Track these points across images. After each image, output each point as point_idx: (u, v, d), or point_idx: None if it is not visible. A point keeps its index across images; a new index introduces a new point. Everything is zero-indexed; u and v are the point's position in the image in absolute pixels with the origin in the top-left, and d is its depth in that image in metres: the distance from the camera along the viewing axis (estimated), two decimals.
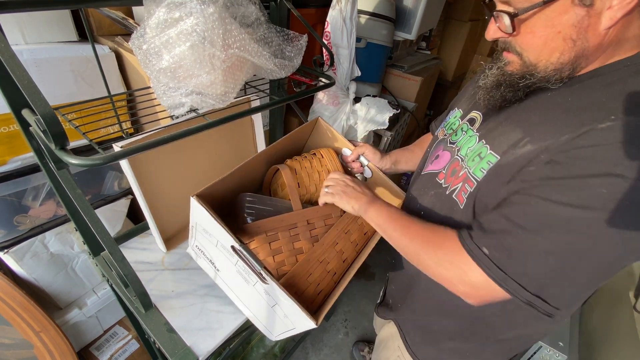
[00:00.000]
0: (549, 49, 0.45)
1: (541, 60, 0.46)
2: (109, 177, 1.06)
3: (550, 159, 0.44)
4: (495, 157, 0.51)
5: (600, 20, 0.41)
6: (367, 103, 1.32)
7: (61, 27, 0.85)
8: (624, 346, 1.17)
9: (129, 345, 1.22)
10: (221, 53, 0.60)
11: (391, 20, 1.46)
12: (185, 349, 0.70)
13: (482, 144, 0.54)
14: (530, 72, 0.48)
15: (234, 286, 0.75)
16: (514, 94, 0.51)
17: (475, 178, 0.53)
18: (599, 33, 0.42)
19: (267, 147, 0.81)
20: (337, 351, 1.61)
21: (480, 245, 0.47)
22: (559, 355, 1.31)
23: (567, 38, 0.43)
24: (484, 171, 0.51)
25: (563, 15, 0.42)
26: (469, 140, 0.58)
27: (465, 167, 0.56)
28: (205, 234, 0.71)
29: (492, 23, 0.48)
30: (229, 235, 0.60)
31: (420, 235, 0.56)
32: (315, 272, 0.68)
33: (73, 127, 0.59)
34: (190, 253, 0.83)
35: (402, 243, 0.58)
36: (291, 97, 0.81)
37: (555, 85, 0.48)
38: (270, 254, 0.67)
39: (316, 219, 0.75)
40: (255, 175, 0.86)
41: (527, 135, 0.48)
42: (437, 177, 0.62)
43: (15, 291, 0.86)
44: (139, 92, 0.88)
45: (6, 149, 0.79)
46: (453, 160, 0.60)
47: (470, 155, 0.56)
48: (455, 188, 0.57)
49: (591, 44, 0.43)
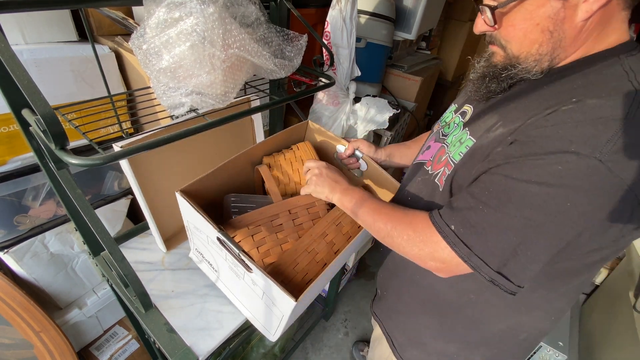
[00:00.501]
0: (529, 41, 0.47)
1: (522, 51, 0.48)
2: (109, 177, 1.06)
3: (515, 139, 0.46)
4: (472, 140, 0.53)
5: (576, 12, 0.43)
6: (367, 103, 1.32)
7: (61, 27, 0.85)
8: (624, 346, 1.17)
9: (129, 345, 1.22)
10: (221, 53, 0.60)
11: (391, 20, 1.46)
12: (185, 349, 0.70)
13: (465, 131, 0.57)
14: (513, 63, 0.50)
15: (231, 285, 0.76)
16: (497, 85, 0.53)
17: (454, 161, 0.55)
18: (575, 25, 0.44)
19: (250, 147, 0.83)
20: (337, 351, 1.61)
21: (449, 222, 0.49)
22: (559, 355, 1.31)
23: (544, 30, 0.45)
24: (462, 154, 0.54)
25: (540, 7, 0.44)
26: (456, 130, 0.61)
27: (447, 152, 0.59)
28: (197, 232, 0.72)
29: (479, 17, 0.51)
30: (210, 225, 0.62)
31: (392, 217, 0.57)
32: (303, 261, 0.69)
33: (73, 127, 0.59)
34: (193, 257, 0.85)
35: (376, 226, 0.60)
36: (291, 97, 0.81)
37: (535, 75, 0.50)
38: (254, 246, 0.68)
39: (298, 208, 0.77)
40: (245, 178, 0.88)
41: (500, 119, 0.51)
42: (425, 165, 0.65)
43: (15, 291, 0.86)
44: (139, 92, 0.88)
45: (6, 149, 0.79)
46: (440, 148, 0.63)
47: (453, 140, 0.59)
48: (438, 172, 0.60)
49: (568, 36, 0.45)
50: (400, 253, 0.57)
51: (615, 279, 1.44)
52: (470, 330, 0.65)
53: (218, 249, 0.68)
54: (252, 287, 0.65)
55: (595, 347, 1.32)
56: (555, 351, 1.31)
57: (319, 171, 0.74)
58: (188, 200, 0.65)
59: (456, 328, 0.66)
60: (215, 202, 0.80)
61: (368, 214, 0.61)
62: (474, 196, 0.48)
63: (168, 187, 0.83)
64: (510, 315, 0.61)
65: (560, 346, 1.32)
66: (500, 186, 0.45)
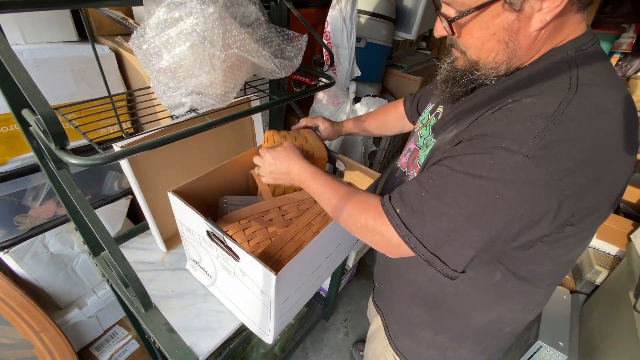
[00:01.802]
0: (486, 49, 0.48)
1: (481, 58, 0.50)
2: (109, 177, 1.06)
3: (459, 139, 0.50)
4: (434, 142, 0.58)
5: (530, 23, 0.44)
6: (367, 103, 1.32)
7: (61, 27, 0.85)
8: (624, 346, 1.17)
9: (129, 345, 1.22)
10: (221, 53, 0.60)
11: (391, 20, 1.46)
12: (185, 349, 0.70)
13: (431, 134, 0.60)
14: (473, 68, 0.52)
15: (225, 288, 0.76)
16: (459, 89, 0.55)
17: (420, 164, 0.60)
18: (529, 35, 0.45)
19: (241, 153, 0.85)
20: (337, 351, 1.61)
21: (395, 206, 0.52)
22: (559, 355, 1.31)
23: (500, 40, 0.46)
24: (425, 156, 0.59)
25: (496, 18, 0.45)
26: (427, 133, 0.64)
27: (419, 155, 0.63)
28: (190, 235, 0.73)
29: (439, 22, 0.51)
30: (199, 217, 0.63)
31: (348, 203, 0.60)
32: (289, 249, 0.71)
33: (73, 127, 0.59)
34: (189, 269, 0.86)
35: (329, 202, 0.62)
36: (291, 97, 0.81)
37: (493, 81, 0.52)
38: (245, 239, 0.70)
39: (288, 205, 0.80)
40: (240, 183, 0.89)
41: (456, 121, 0.54)
42: (402, 167, 0.69)
43: (15, 291, 0.86)
44: (139, 92, 0.88)
45: (6, 149, 0.79)
46: (414, 150, 0.66)
47: (423, 145, 0.63)
48: (409, 174, 0.64)
49: (523, 45, 0.47)
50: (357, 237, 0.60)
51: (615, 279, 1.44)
52: (455, 324, 0.67)
53: (210, 248, 0.69)
54: (242, 279, 0.66)
55: (595, 347, 1.32)
56: (555, 351, 1.31)
57: (269, 165, 0.75)
58: (179, 198, 0.67)
59: (443, 321, 0.68)
60: (211, 206, 0.81)
61: (324, 188, 0.64)
62: (420, 184, 0.51)
63: (168, 187, 0.83)
64: (490, 308, 0.63)
65: (560, 346, 1.32)
66: (442, 176, 0.49)
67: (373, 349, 0.90)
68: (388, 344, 0.81)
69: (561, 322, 1.44)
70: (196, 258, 0.79)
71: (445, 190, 0.47)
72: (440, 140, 0.56)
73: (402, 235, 0.50)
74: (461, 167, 0.46)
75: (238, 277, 0.67)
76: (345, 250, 0.98)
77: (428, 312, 0.69)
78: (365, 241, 0.58)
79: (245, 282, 0.66)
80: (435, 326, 0.70)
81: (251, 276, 0.63)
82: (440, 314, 0.68)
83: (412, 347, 0.76)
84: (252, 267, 0.60)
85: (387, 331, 0.81)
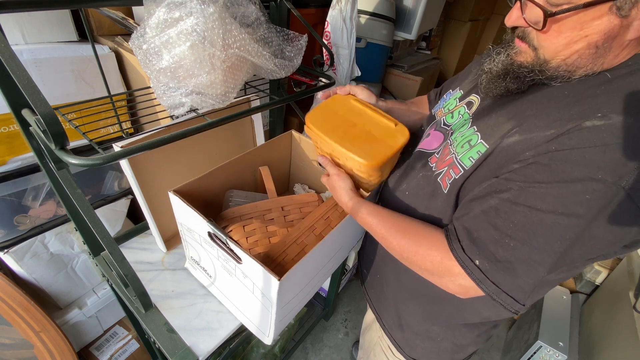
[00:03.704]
0: (570, 51, 0.43)
1: (556, 58, 0.45)
2: (109, 177, 1.06)
3: (535, 159, 0.43)
4: (485, 146, 0.50)
5: (628, 30, 0.40)
6: None
7: (61, 27, 0.85)
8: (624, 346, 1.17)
9: (129, 345, 1.22)
10: (221, 53, 0.60)
11: (391, 20, 1.46)
12: (185, 349, 0.70)
13: (474, 131, 0.53)
14: (541, 67, 0.47)
15: (225, 288, 0.76)
16: (517, 86, 0.50)
17: (463, 166, 0.52)
18: (622, 43, 0.42)
19: (246, 151, 0.85)
20: (337, 351, 1.61)
21: (472, 257, 0.47)
22: (559, 355, 1.31)
23: (591, 43, 0.42)
24: (473, 160, 0.51)
25: (595, 20, 0.40)
26: (462, 125, 0.58)
27: (453, 152, 0.55)
28: (190, 235, 0.73)
29: (517, 9, 0.46)
30: (200, 217, 0.63)
31: (409, 239, 0.55)
32: (291, 252, 0.70)
33: (73, 127, 0.59)
34: (188, 267, 0.86)
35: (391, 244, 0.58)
36: (291, 97, 0.81)
37: (559, 82, 0.47)
38: (244, 236, 0.70)
39: (291, 206, 0.79)
40: (241, 183, 0.89)
41: (517, 125, 0.48)
42: (430, 160, 0.61)
43: (15, 291, 0.86)
44: (139, 92, 0.88)
45: (6, 149, 0.79)
46: (445, 144, 0.59)
47: (460, 140, 0.55)
48: (441, 172, 0.57)
49: (612, 53, 0.43)
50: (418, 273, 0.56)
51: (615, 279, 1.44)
52: (455, 316, 0.66)
53: (210, 248, 0.69)
54: (243, 280, 0.66)
55: (595, 347, 1.32)
56: (555, 351, 1.31)
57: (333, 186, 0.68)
58: (180, 198, 0.67)
59: (441, 314, 0.67)
60: (211, 206, 0.81)
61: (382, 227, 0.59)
62: (498, 228, 0.45)
63: (168, 187, 0.83)
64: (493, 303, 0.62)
65: (560, 346, 1.33)
66: (525, 218, 0.43)
67: (369, 339, 0.90)
68: (383, 333, 0.81)
69: (561, 322, 1.45)
70: (196, 257, 0.79)
71: (534, 235, 0.43)
72: (497, 145, 0.49)
73: (488, 291, 0.46)
74: (549, 206, 0.41)
75: (239, 279, 0.67)
76: (347, 251, 0.98)
77: (426, 306, 0.69)
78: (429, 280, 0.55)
79: (246, 284, 0.66)
80: (432, 318, 0.69)
81: (252, 279, 0.62)
82: (440, 308, 0.67)
83: (407, 338, 0.76)
84: (254, 271, 0.60)
85: (381, 321, 0.81)
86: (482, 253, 0.46)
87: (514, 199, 0.44)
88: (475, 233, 0.48)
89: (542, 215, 0.42)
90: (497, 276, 0.46)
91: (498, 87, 0.52)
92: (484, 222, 0.47)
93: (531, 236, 0.43)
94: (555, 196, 0.41)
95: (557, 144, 0.42)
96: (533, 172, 0.43)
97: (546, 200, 0.42)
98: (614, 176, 0.38)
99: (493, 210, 0.46)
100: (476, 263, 0.47)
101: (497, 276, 0.46)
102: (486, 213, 0.47)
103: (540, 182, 0.42)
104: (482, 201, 0.48)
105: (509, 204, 0.45)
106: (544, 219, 0.42)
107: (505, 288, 0.45)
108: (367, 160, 0.60)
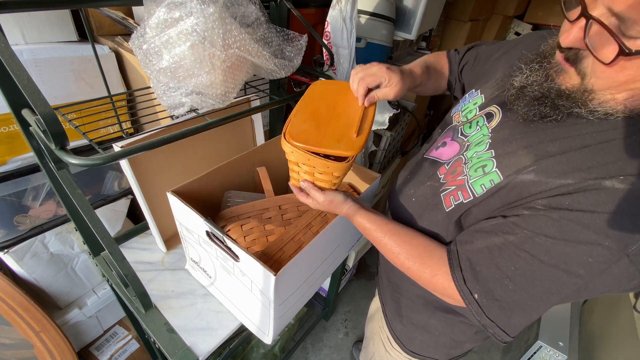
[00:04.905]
0: (624, 89, 0.39)
1: (605, 92, 0.40)
2: (109, 177, 1.06)
3: (546, 213, 0.42)
4: (499, 177, 0.48)
5: None
6: None
7: (61, 27, 0.85)
8: (624, 346, 1.17)
9: (129, 345, 1.22)
10: (221, 53, 0.60)
11: (391, 20, 1.46)
12: (185, 349, 0.70)
13: (491, 155, 0.51)
14: (583, 97, 0.42)
15: (224, 288, 0.76)
16: (551, 112, 0.46)
17: (474, 192, 0.51)
18: None
19: (245, 152, 0.85)
20: (337, 351, 1.61)
21: (472, 290, 0.49)
22: (559, 355, 1.31)
23: None
24: (484, 189, 0.50)
25: None
26: (480, 141, 0.55)
27: (465, 172, 0.53)
28: (189, 236, 0.73)
29: (579, 29, 0.38)
30: (198, 216, 0.63)
31: (414, 261, 0.56)
32: (289, 250, 0.71)
33: (73, 127, 0.59)
34: (189, 269, 0.86)
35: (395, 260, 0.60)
36: (291, 97, 0.81)
37: (595, 117, 0.42)
38: (242, 235, 0.71)
39: (289, 205, 0.80)
40: (240, 183, 0.89)
41: (535, 163, 0.45)
42: (439, 171, 0.60)
43: (15, 291, 0.86)
44: (139, 92, 0.88)
45: (6, 149, 0.79)
46: (458, 158, 0.57)
47: (475, 162, 0.53)
48: (447, 188, 0.56)
49: None
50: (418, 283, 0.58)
51: None
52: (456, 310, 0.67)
53: (209, 248, 0.69)
54: (242, 279, 0.66)
55: (595, 347, 1.31)
56: (555, 351, 1.31)
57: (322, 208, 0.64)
58: (179, 198, 0.67)
59: (440, 301, 0.67)
60: (210, 206, 0.81)
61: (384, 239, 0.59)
62: (499, 268, 0.46)
63: (168, 187, 0.83)
64: None
65: (560, 346, 1.32)
66: (527, 265, 0.44)
67: (371, 329, 0.92)
68: (384, 323, 0.82)
69: (561, 322, 1.44)
70: (196, 258, 0.79)
71: (533, 284, 0.44)
72: (510, 179, 0.46)
73: (483, 322, 0.49)
74: (551, 260, 0.42)
75: (237, 277, 0.67)
76: (345, 250, 0.98)
77: (426, 293, 0.68)
78: None
79: (245, 283, 0.66)
80: (432, 312, 0.70)
81: (250, 276, 0.63)
82: (441, 302, 0.67)
83: (406, 329, 0.77)
84: (252, 268, 0.60)
85: (384, 309, 0.83)
86: (482, 288, 0.48)
87: (520, 244, 0.44)
88: (478, 267, 0.49)
89: (543, 267, 0.43)
90: (494, 313, 0.48)
91: (530, 112, 0.47)
92: (487, 259, 0.48)
93: (530, 284, 0.44)
94: (559, 252, 0.41)
95: (571, 200, 0.41)
96: (542, 224, 0.42)
97: (550, 254, 0.42)
98: (620, 245, 0.38)
99: (497, 249, 0.47)
100: (475, 297, 0.49)
101: (494, 313, 0.48)
102: (490, 250, 0.47)
103: (547, 236, 0.42)
104: (487, 237, 0.48)
105: (513, 247, 0.45)
106: (545, 271, 0.43)
107: (500, 324, 0.48)
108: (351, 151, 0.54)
